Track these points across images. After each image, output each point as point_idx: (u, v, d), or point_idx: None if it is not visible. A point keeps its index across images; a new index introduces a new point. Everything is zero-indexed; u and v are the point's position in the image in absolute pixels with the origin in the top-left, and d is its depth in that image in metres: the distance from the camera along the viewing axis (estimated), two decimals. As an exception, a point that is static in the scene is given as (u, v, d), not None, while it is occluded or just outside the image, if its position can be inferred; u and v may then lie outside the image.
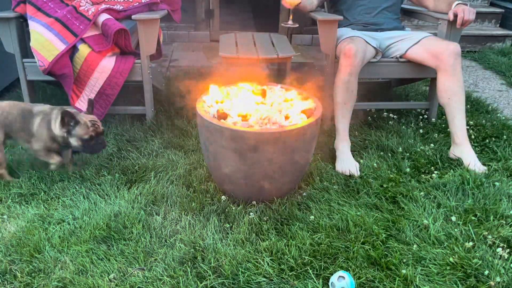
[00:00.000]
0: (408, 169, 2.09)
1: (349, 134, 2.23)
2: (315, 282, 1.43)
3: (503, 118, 2.74)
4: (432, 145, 2.32)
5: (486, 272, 1.44)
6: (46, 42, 2.20)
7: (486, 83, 3.56)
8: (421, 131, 2.51)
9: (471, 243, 1.57)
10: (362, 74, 2.27)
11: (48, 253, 1.54)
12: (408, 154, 2.24)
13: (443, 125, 2.58)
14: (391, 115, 2.73)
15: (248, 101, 1.89)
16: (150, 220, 1.71)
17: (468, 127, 2.49)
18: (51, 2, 2.36)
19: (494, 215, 1.74)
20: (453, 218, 1.72)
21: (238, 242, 1.60)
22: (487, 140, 2.41)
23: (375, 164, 2.12)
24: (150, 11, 2.53)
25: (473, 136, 2.44)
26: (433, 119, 2.67)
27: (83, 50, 2.25)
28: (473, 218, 1.73)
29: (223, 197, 1.85)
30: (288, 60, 2.43)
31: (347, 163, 2.10)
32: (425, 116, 2.73)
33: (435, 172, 2.07)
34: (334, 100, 2.23)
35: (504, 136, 2.43)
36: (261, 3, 5.50)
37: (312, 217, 1.74)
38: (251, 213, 1.75)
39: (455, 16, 2.22)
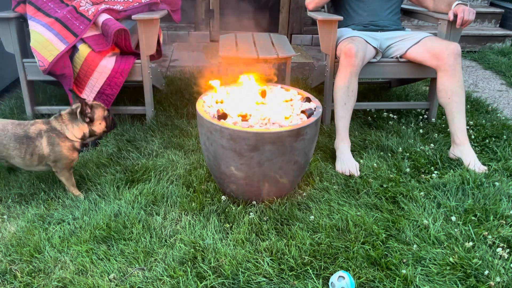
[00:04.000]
0: (408, 169, 2.09)
1: (349, 134, 2.23)
2: (315, 282, 1.43)
3: (503, 118, 2.74)
4: (432, 145, 2.32)
5: (486, 272, 1.44)
6: (46, 42, 2.20)
7: (486, 83, 3.56)
8: (421, 131, 2.51)
9: (471, 243, 1.57)
10: (362, 74, 2.27)
11: (48, 253, 1.54)
12: (408, 154, 2.23)
13: (443, 125, 2.58)
14: (391, 115, 2.73)
15: (248, 101, 1.89)
16: (150, 220, 1.71)
17: (468, 127, 2.50)
18: (51, 2, 2.36)
19: (494, 215, 1.74)
20: (453, 218, 1.72)
21: (238, 242, 1.60)
22: (487, 140, 2.41)
23: (375, 164, 2.12)
24: (150, 11, 2.54)
25: (473, 136, 2.44)
26: (433, 119, 2.67)
27: (83, 50, 2.25)
28: (473, 218, 1.73)
29: (223, 197, 1.85)
30: (288, 60, 2.43)
31: (347, 163, 2.10)
32: (425, 116, 2.73)
33: (435, 172, 2.07)
34: (334, 100, 2.23)
35: (504, 136, 2.43)
36: (261, 3, 5.49)
37: (312, 217, 1.74)
38: (251, 213, 1.75)
39: (455, 16, 2.23)
